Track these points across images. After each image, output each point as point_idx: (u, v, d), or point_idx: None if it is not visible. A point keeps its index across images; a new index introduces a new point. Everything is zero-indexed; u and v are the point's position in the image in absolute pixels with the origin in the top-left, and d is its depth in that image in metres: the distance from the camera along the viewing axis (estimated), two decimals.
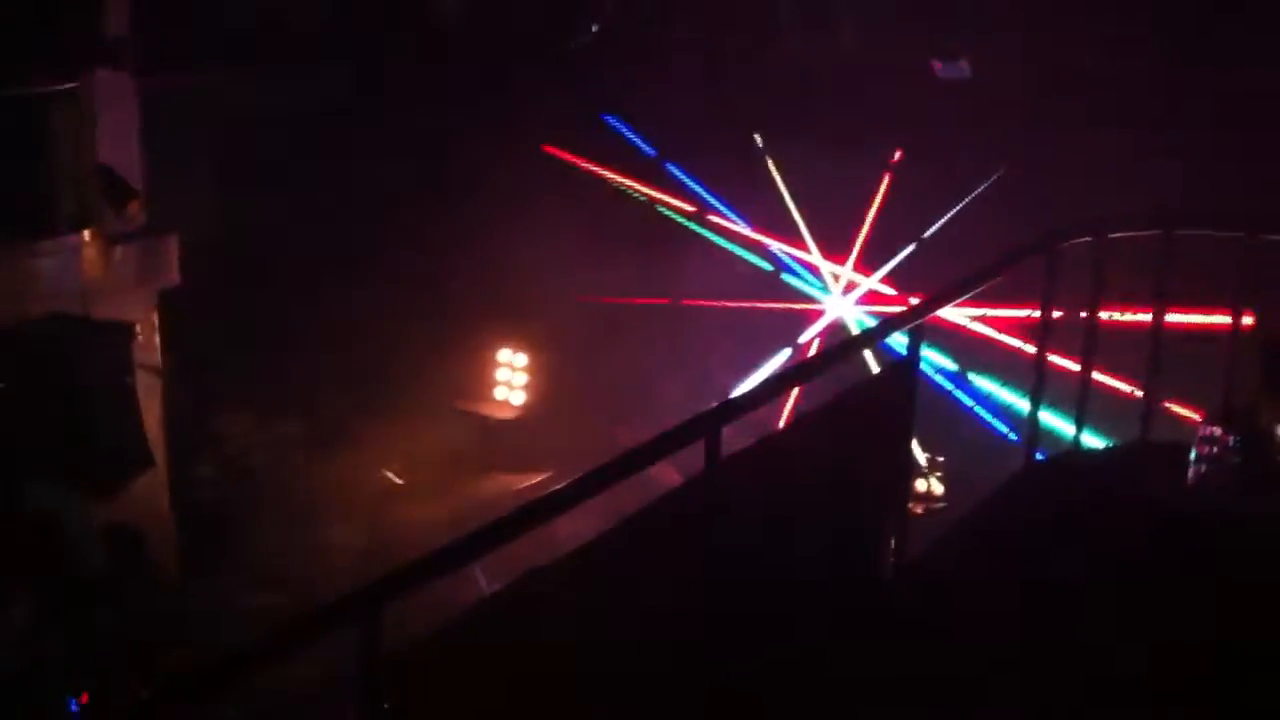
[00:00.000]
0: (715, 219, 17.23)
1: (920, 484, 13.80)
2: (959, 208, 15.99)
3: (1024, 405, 7.75)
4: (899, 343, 6.17)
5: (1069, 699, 5.22)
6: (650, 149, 17.27)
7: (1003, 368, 14.71)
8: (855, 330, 16.22)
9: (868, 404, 5.92)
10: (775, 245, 17.02)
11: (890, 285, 16.51)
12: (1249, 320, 7.49)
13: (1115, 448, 8.36)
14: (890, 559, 6.14)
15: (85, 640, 9.35)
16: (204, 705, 3.50)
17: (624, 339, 15.87)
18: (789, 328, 16.73)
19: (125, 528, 10.17)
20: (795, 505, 5.35)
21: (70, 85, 11.25)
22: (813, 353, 16.18)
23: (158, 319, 12.33)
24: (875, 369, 10.47)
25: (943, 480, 14.28)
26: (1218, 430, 6.60)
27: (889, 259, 16.56)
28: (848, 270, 16.78)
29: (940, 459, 14.34)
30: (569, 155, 16.90)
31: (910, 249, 16.40)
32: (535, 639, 4.27)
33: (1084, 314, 7.24)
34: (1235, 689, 5.19)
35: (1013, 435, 14.25)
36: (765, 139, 16.93)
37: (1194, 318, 9.84)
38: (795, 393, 9.79)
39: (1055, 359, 7.30)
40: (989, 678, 5.29)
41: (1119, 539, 6.21)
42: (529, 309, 16.15)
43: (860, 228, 16.69)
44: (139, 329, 11.80)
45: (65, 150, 11.38)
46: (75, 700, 9.03)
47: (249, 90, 14.18)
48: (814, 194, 16.62)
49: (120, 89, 11.77)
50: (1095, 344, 7.30)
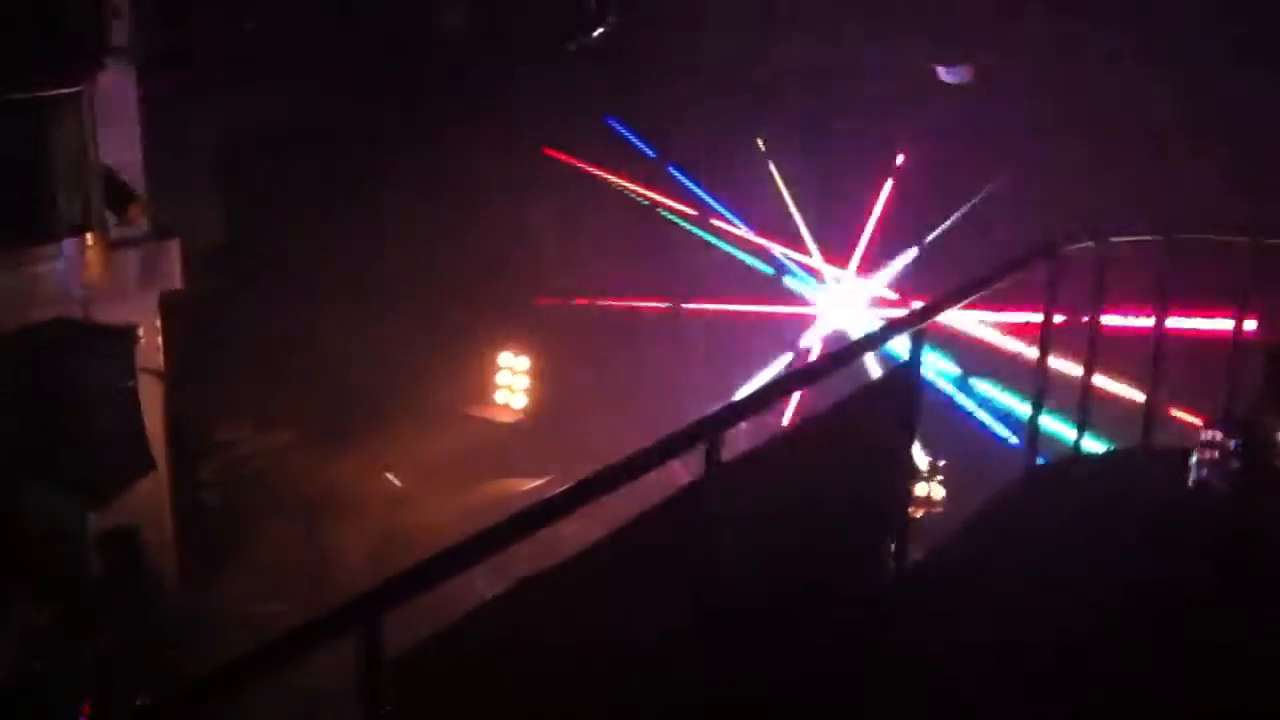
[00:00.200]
0: (717, 222, 17.25)
1: (921, 488, 13.79)
2: (961, 212, 16.00)
3: (1025, 410, 7.75)
4: (901, 347, 6.17)
5: (1070, 701, 5.22)
6: (652, 152, 17.29)
7: (1004, 372, 14.72)
8: (857, 334, 16.23)
9: (869, 408, 5.91)
10: (777, 248, 17.03)
11: (892, 289, 16.52)
12: (1251, 325, 7.48)
13: (1117, 452, 8.35)
14: (891, 563, 6.14)
15: (86, 647, 9.34)
16: (204, 712, 3.49)
17: (625, 342, 15.88)
18: (790, 332, 16.74)
19: (125, 533, 10.15)
20: (796, 509, 5.34)
21: (73, 90, 11.26)
22: (814, 357, 16.18)
23: (160, 323, 12.34)
24: (877, 373, 10.46)
25: (944, 484, 14.27)
26: (1219, 434, 6.60)
27: (891, 262, 16.58)
28: (850, 274, 16.79)
29: (941, 463, 14.34)
30: (570, 158, 16.91)
31: (912, 253, 16.42)
32: (534, 644, 4.26)
33: (1086, 319, 7.24)
34: (1236, 691, 5.19)
35: (1014, 439, 14.29)
36: (767, 142, 16.93)
37: (1196, 322, 9.84)
38: (797, 397, 9.78)
39: (1057, 363, 7.30)
40: (990, 682, 5.30)
41: (1121, 543, 6.21)
42: (530, 313, 16.18)
43: (862, 232, 16.70)
44: (141, 333, 11.81)
45: (68, 154, 11.38)
46: (79, 711, 9.02)
47: (250, 97, 14.22)
48: (816, 198, 16.63)
49: (122, 93, 11.78)
50: (1097, 349, 7.29)
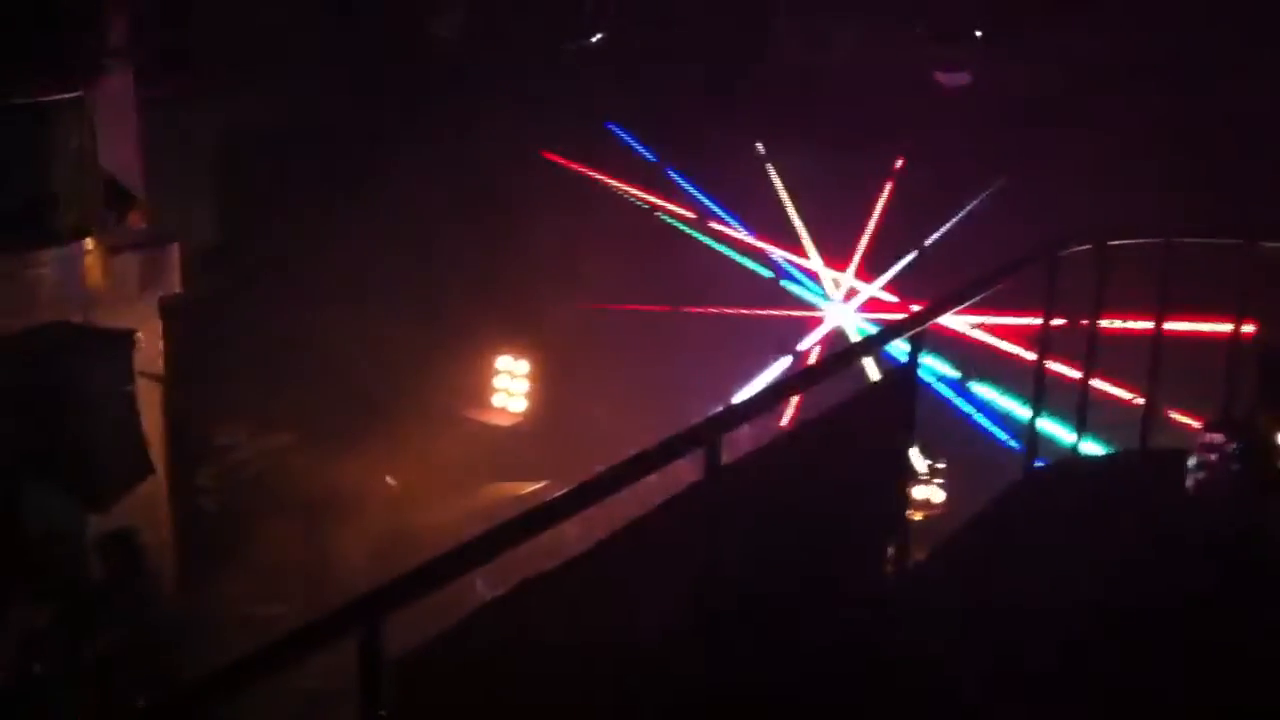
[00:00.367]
0: (716, 225, 17.25)
1: (921, 491, 13.79)
2: (960, 215, 16.01)
3: (1024, 412, 7.75)
4: (899, 350, 6.18)
5: (1070, 703, 5.23)
6: (652, 155, 17.29)
7: (1003, 375, 14.72)
8: (856, 337, 16.23)
9: (868, 411, 5.92)
10: (776, 252, 17.04)
11: (891, 292, 16.52)
12: (1249, 328, 7.48)
13: (1115, 455, 8.35)
14: (891, 564, 6.14)
15: (85, 649, 9.34)
16: (204, 714, 3.50)
17: (624, 346, 15.88)
18: (790, 335, 16.73)
19: (125, 536, 10.16)
20: (796, 511, 5.34)
21: (73, 94, 11.26)
22: (813, 360, 16.18)
23: (159, 326, 12.34)
24: (875, 376, 10.46)
25: (943, 487, 14.27)
26: (1218, 437, 6.61)
27: (890, 266, 16.58)
28: (848, 277, 16.79)
29: (940, 466, 14.34)
30: (571, 162, 16.92)
31: (911, 256, 16.42)
32: (535, 645, 4.26)
33: (1084, 321, 7.24)
34: (1236, 692, 5.19)
35: (1013, 442, 14.29)
36: (766, 146, 16.94)
37: (1194, 325, 9.83)
38: (796, 400, 9.79)
39: (1055, 366, 7.30)
40: (991, 683, 5.30)
41: (1119, 547, 6.20)
42: (529, 316, 16.17)
43: (861, 234, 16.71)
44: (141, 337, 11.81)
45: (67, 158, 11.39)
46: (78, 714, 9.02)
47: (250, 98, 14.24)
48: (815, 201, 16.64)
49: (122, 98, 11.80)
50: (1096, 351, 7.29)
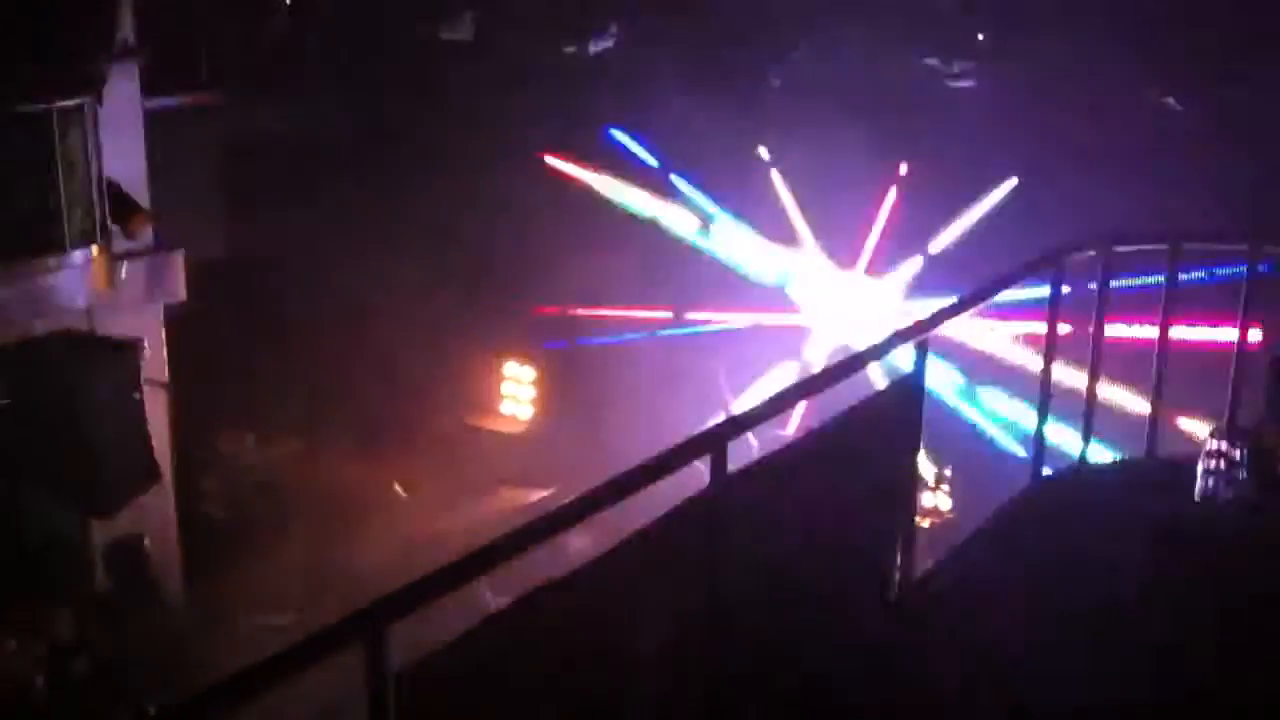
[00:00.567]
0: (721, 230, 17.24)
1: (928, 498, 13.77)
2: (965, 220, 16.00)
3: (1031, 419, 7.73)
4: (905, 356, 6.16)
5: (1079, 710, 5.21)
6: (655, 160, 17.28)
7: (1010, 381, 14.69)
8: (861, 344, 16.20)
9: (874, 418, 5.90)
10: (781, 257, 17.02)
11: (897, 298, 16.50)
12: (1256, 335, 7.47)
13: (1122, 462, 8.33)
14: (897, 573, 6.12)
15: (91, 657, 9.34)
16: None
17: (629, 352, 15.88)
18: (794, 341, 16.72)
19: (130, 544, 10.17)
20: (802, 518, 5.33)
21: (77, 102, 11.28)
22: (818, 366, 16.16)
23: (164, 335, 12.35)
24: (882, 383, 10.43)
25: (950, 494, 14.25)
26: (1225, 444, 6.59)
27: (896, 271, 16.57)
28: (854, 282, 16.77)
29: (948, 473, 14.31)
30: (576, 167, 16.92)
31: (917, 261, 16.41)
32: (540, 656, 4.25)
33: (1091, 327, 7.22)
34: (1239, 695, 5.18)
35: (1020, 450, 14.26)
36: (770, 150, 16.93)
37: (1201, 331, 9.81)
38: (802, 407, 9.77)
39: (1062, 372, 7.28)
40: (998, 691, 5.28)
41: (1126, 554, 6.18)
42: (535, 323, 16.17)
43: (866, 240, 16.70)
44: (146, 345, 11.82)
45: (72, 167, 11.40)
46: None
47: (255, 108, 14.25)
48: (819, 206, 16.62)
49: (127, 105, 11.81)
50: (1101, 358, 7.27)
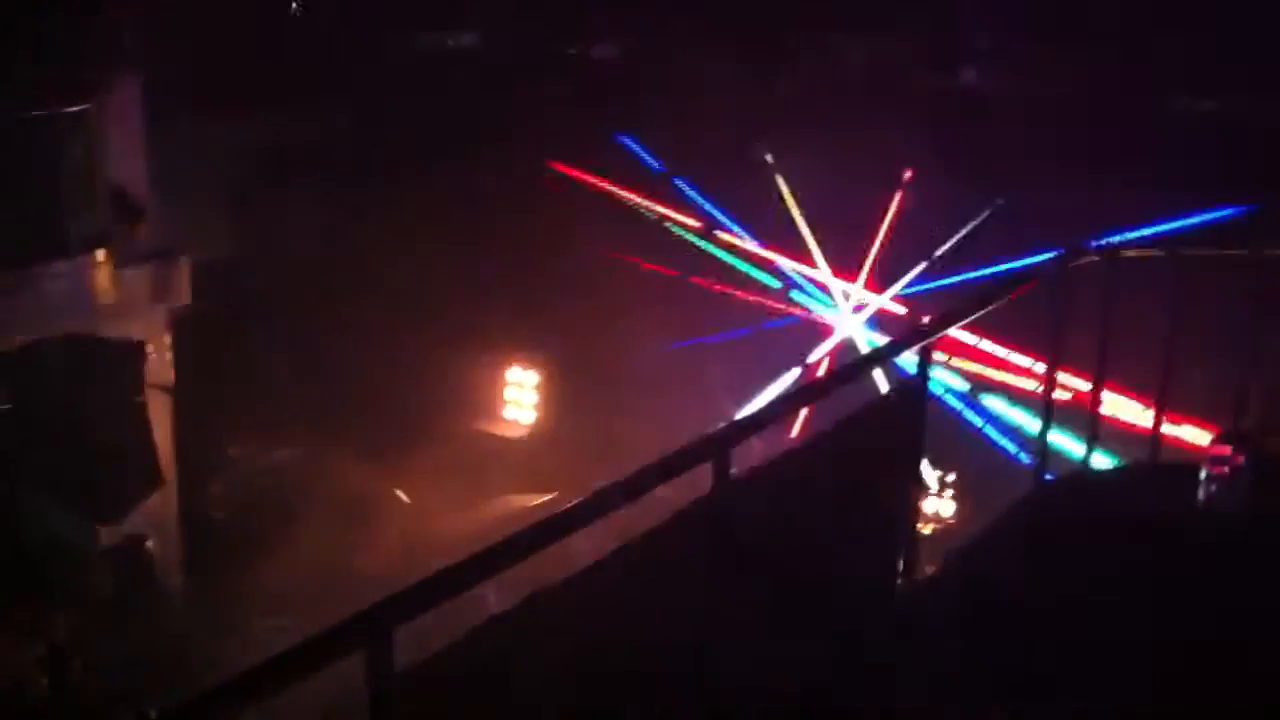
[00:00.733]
0: (724, 235, 17.25)
1: (931, 503, 13.76)
2: (970, 227, 15.98)
3: (1034, 425, 7.74)
4: (909, 362, 6.16)
5: (1081, 714, 5.21)
6: (659, 166, 17.30)
7: (1013, 388, 14.69)
8: (865, 349, 16.21)
9: (877, 423, 5.89)
10: (784, 262, 17.02)
11: (900, 304, 16.49)
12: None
13: (1125, 468, 8.32)
14: (899, 578, 6.12)
15: (95, 659, 9.35)
16: None
17: (632, 356, 15.87)
18: (798, 346, 16.72)
19: (134, 547, 10.17)
20: (805, 523, 5.33)
21: (82, 107, 11.30)
22: (822, 371, 16.16)
23: (169, 338, 12.37)
24: (884, 388, 10.44)
25: (953, 500, 14.24)
26: (1228, 450, 6.58)
27: (900, 278, 16.56)
28: (858, 288, 16.77)
29: (951, 478, 14.31)
30: (579, 173, 16.94)
31: (921, 267, 16.39)
32: (542, 659, 4.26)
33: (1095, 334, 7.22)
34: (1241, 698, 5.19)
35: (1022, 455, 14.25)
36: (774, 156, 16.94)
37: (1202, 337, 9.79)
38: (805, 412, 9.78)
39: (1065, 379, 7.28)
40: (1000, 696, 5.28)
41: (1129, 559, 6.18)
42: (539, 328, 16.17)
43: (870, 246, 16.69)
44: (150, 349, 11.84)
45: (77, 172, 11.44)
46: None
47: (259, 113, 14.28)
48: (824, 211, 16.62)
49: (131, 111, 11.84)
50: (1105, 364, 7.27)
